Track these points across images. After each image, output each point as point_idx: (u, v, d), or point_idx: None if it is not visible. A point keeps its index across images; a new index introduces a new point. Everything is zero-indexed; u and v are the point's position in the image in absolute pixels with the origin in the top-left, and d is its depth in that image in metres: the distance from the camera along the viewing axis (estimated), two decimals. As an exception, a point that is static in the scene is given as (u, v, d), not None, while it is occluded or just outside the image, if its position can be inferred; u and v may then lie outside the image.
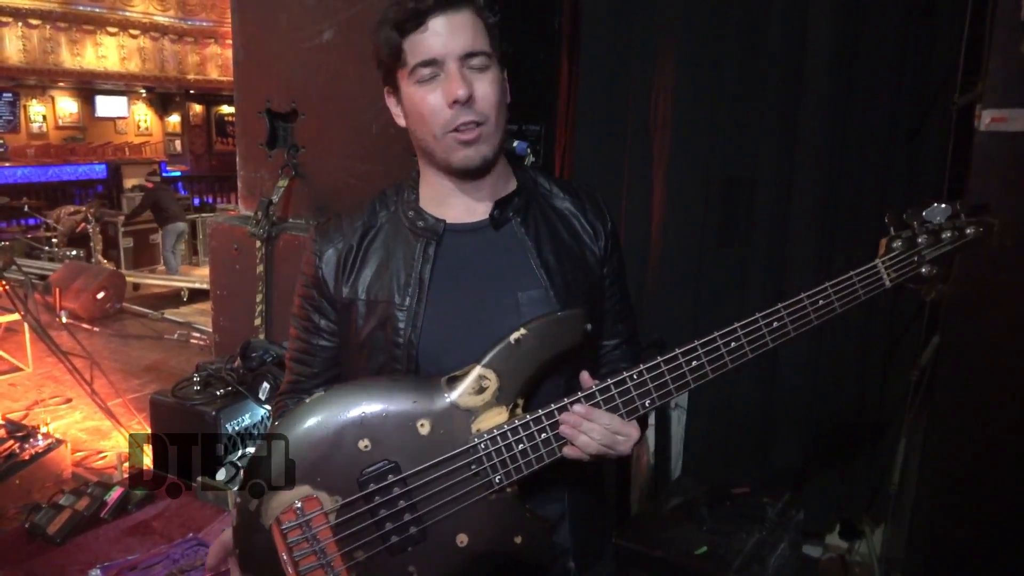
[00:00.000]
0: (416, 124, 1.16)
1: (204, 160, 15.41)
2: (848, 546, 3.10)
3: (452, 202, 1.22)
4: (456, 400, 1.10)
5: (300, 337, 1.30)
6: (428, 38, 1.10)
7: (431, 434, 1.09)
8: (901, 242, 1.17)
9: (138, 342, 6.73)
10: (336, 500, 1.09)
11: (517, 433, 1.10)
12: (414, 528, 1.09)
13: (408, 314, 1.17)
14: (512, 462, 1.10)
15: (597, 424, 1.10)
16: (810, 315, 1.14)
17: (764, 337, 1.14)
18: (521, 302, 1.18)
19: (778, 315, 1.14)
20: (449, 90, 1.10)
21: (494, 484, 1.10)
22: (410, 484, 1.09)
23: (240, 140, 2.95)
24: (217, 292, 3.01)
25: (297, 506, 1.08)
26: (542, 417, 1.10)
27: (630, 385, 1.11)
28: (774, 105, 2.78)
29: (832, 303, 1.14)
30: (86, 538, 1.96)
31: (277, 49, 2.72)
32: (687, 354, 1.12)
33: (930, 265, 1.17)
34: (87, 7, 11.71)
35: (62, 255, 9.34)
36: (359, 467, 1.08)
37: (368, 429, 1.08)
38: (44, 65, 11.58)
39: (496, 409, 1.10)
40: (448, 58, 1.10)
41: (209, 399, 2.38)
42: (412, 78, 1.12)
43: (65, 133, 13.49)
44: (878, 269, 1.17)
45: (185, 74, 13.26)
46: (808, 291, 1.14)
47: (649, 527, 2.47)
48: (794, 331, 1.14)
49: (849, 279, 1.15)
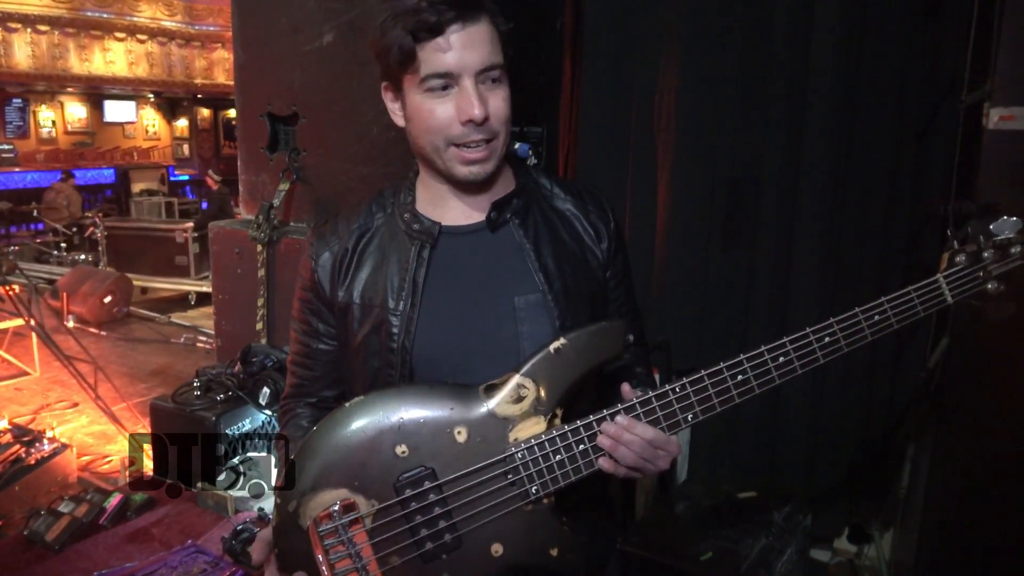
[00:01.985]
0: (419, 132, 1.13)
1: (212, 164, 15.47)
2: (857, 550, 3.07)
3: (449, 204, 1.20)
4: (494, 408, 1.09)
5: (300, 341, 1.29)
6: (444, 51, 1.06)
7: (468, 441, 1.08)
8: (965, 256, 1.12)
9: (145, 346, 6.74)
10: (372, 504, 1.08)
11: (555, 444, 1.08)
12: (449, 535, 1.09)
13: (402, 319, 1.16)
14: (549, 473, 1.08)
15: (639, 437, 1.07)
16: (864, 331, 1.10)
17: (815, 352, 1.10)
18: (518, 307, 1.16)
19: (830, 330, 1.10)
20: (464, 108, 1.07)
21: (530, 494, 1.08)
22: (446, 491, 1.08)
23: (241, 144, 2.94)
24: (219, 296, 3.00)
25: (335, 509, 1.08)
26: (580, 428, 1.08)
27: (672, 398, 1.09)
28: (779, 106, 2.75)
29: (888, 319, 1.11)
30: (85, 545, 1.95)
31: (278, 52, 2.71)
32: (732, 368, 1.09)
33: (996, 281, 1.12)
34: (95, 13, 11.79)
35: (70, 260, 9.39)
36: (396, 472, 1.08)
37: (405, 435, 1.08)
38: (53, 71, 11.68)
39: (534, 419, 1.09)
40: (464, 74, 1.07)
41: (209, 404, 2.37)
42: (422, 87, 1.09)
43: (74, 138, 13.60)
44: (939, 284, 1.12)
45: (192, 78, 13.35)
46: (863, 306, 1.10)
47: (655, 532, 2.45)
48: (847, 347, 1.11)
49: (907, 294, 1.11)
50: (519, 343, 1.15)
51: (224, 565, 1.85)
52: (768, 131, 2.80)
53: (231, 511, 2.08)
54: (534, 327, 1.14)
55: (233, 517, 2.06)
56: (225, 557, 1.87)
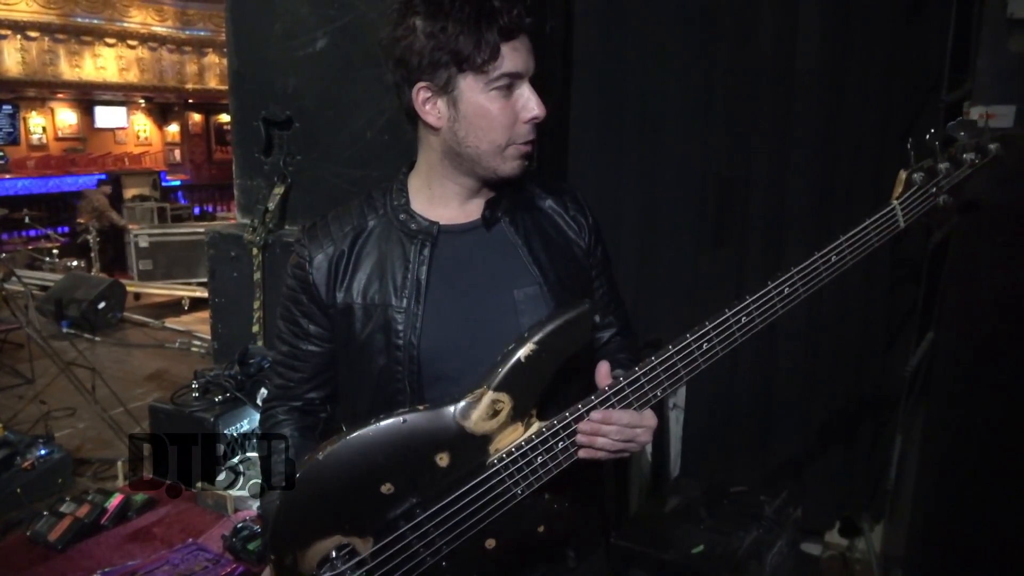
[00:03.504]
0: (475, 130, 1.14)
1: (204, 169, 15.44)
2: (848, 543, 3.11)
3: (447, 204, 1.23)
4: (472, 428, 1.10)
5: (289, 342, 1.30)
6: (519, 52, 1.12)
7: (451, 465, 1.10)
8: (923, 173, 1.10)
9: (140, 351, 6.74)
10: (369, 542, 1.11)
11: (536, 448, 1.11)
12: (447, 549, 1.12)
13: (407, 316, 1.18)
14: (532, 474, 1.12)
15: (615, 425, 1.11)
16: (822, 273, 1.15)
17: (775, 305, 1.15)
18: (517, 299, 1.20)
19: (791, 280, 1.15)
20: (531, 108, 1.14)
21: (518, 496, 1.12)
22: (439, 516, 1.11)
23: (236, 148, 2.97)
24: (215, 300, 3.02)
25: (333, 555, 1.10)
26: (559, 429, 1.11)
27: (644, 380, 1.12)
28: (767, 106, 2.80)
29: (845, 256, 1.14)
30: (87, 545, 1.97)
31: (272, 58, 2.74)
32: (699, 338, 1.12)
33: (947, 195, 1.10)
34: (85, 18, 11.77)
35: (63, 266, 9.37)
36: (387, 510, 1.10)
37: (388, 474, 1.09)
38: (43, 77, 11.63)
39: (512, 427, 1.11)
40: (527, 75, 1.14)
41: (208, 406, 2.40)
42: (490, 85, 1.12)
43: (65, 144, 13.53)
44: (895, 210, 1.12)
45: (184, 84, 13.31)
46: (821, 250, 1.13)
47: (647, 526, 2.49)
48: (806, 291, 1.16)
49: (864, 228, 1.13)
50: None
51: (225, 562, 1.87)
52: (756, 131, 2.84)
53: (231, 510, 2.10)
54: (534, 318, 1.17)
55: (233, 516, 2.09)
56: (226, 554, 1.90)
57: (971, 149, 1.10)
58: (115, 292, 7.56)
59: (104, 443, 4.47)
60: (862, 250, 1.12)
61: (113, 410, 4.31)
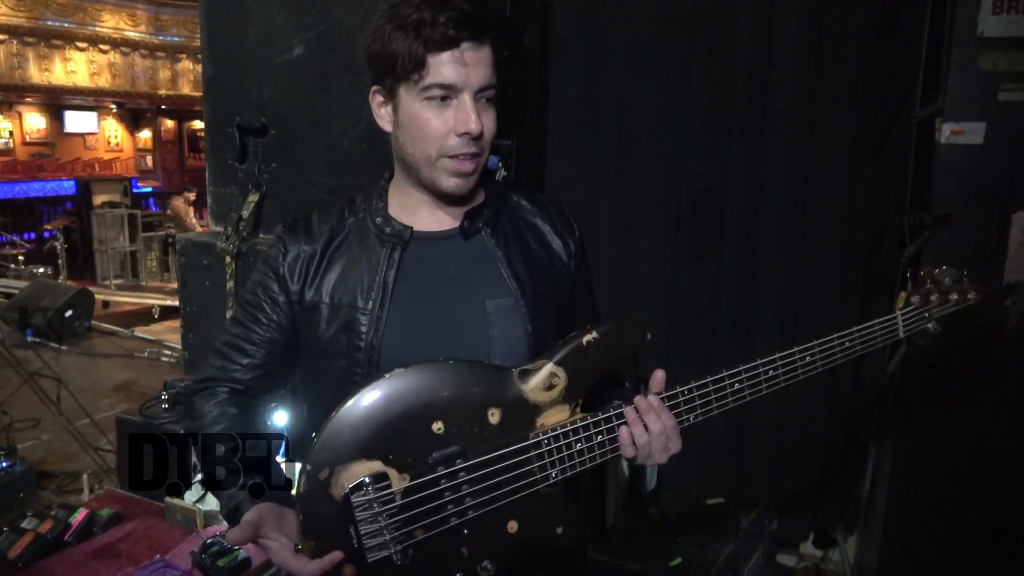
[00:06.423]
0: (410, 139, 1.15)
1: (176, 176, 15.24)
2: (822, 554, 3.13)
3: (422, 212, 1.23)
4: (527, 394, 1.13)
5: (245, 324, 1.27)
6: (454, 64, 1.10)
7: (500, 424, 1.12)
8: (919, 298, 1.31)
9: (107, 361, 6.61)
10: (404, 479, 1.10)
11: (577, 433, 1.14)
12: (472, 513, 1.12)
13: (371, 318, 1.18)
14: (569, 460, 1.14)
15: (662, 421, 1.14)
16: (837, 354, 1.27)
17: (796, 369, 1.26)
18: (489, 310, 1.19)
19: (811, 350, 1.26)
20: (463, 121, 1.11)
21: (551, 478, 1.14)
22: (476, 471, 1.11)
23: (210, 156, 2.92)
24: (187, 309, 2.97)
25: (367, 481, 1.09)
26: (601, 421, 1.15)
27: (681, 400, 1.18)
28: (742, 120, 2.83)
29: (856, 345, 1.28)
30: (49, 562, 1.91)
31: (247, 65, 2.71)
32: (733, 376, 1.21)
33: (936, 323, 1.30)
34: (56, 22, 11.58)
35: (28, 273, 9.18)
36: (430, 449, 1.11)
37: (443, 412, 1.11)
38: (11, 80, 11.41)
39: (560, 407, 1.14)
40: (466, 89, 1.11)
41: (177, 417, 2.35)
42: (422, 94, 1.11)
43: (33, 149, 13.28)
44: (897, 320, 1.30)
45: (156, 89, 13.13)
46: (840, 332, 1.27)
47: (625, 539, 2.48)
48: (822, 367, 1.27)
49: (872, 326, 1.29)
50: (489, 346, 1.18)
51: (193, 580, 1.83)
52: (731, 145, 2.87)
53: (200, 525, 2.06)
54: (505, 330, 1.18)
55: (202, 531, 2.04)
56: (194, 571, 1.85)
57: (954, 291, 1.30)
58: (83, 300, 7.42)
59: (69, 456, 4.36)
60: (869, 343, 1.29)
61: (79, 421, 4.21)
